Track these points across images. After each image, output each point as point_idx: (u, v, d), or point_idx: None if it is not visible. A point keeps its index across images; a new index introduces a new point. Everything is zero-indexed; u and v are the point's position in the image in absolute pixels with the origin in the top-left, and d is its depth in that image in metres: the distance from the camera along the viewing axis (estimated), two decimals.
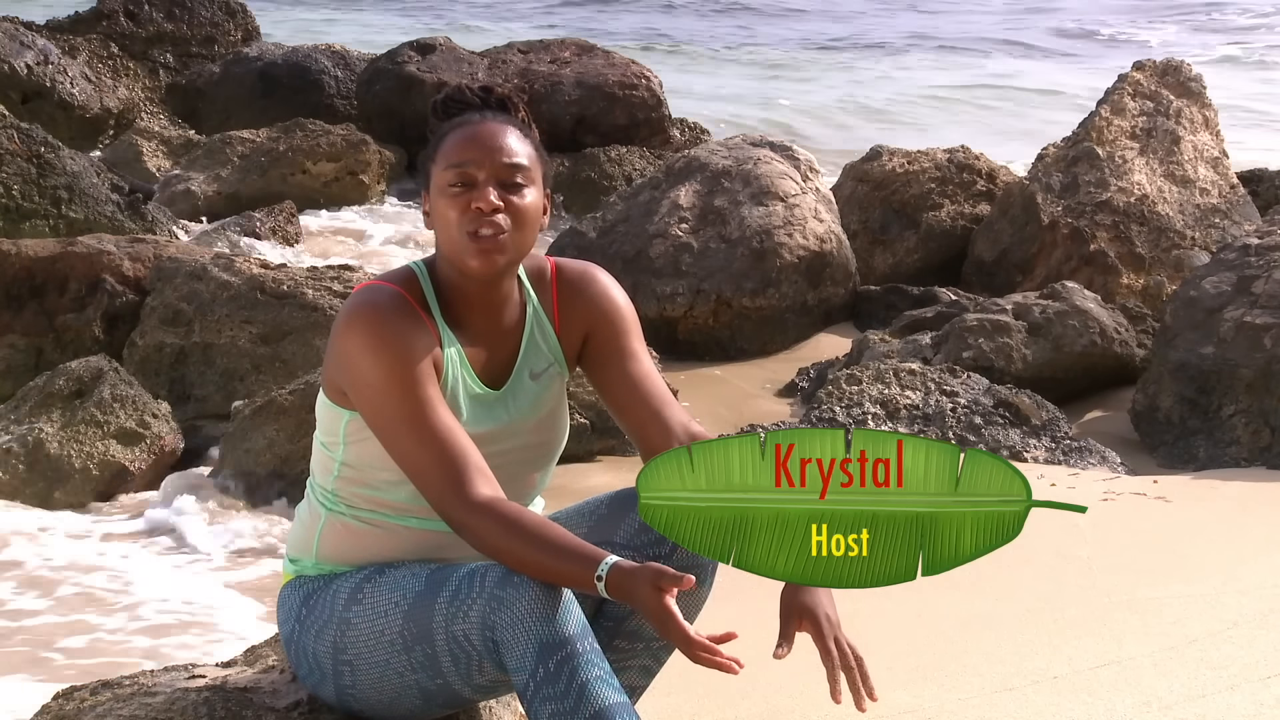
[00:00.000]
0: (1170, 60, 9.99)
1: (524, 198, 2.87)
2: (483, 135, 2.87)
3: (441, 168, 2.88)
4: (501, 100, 2.94)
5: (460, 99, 2.94)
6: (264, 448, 6.29)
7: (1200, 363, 7.29)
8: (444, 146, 2.89)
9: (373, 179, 11.43)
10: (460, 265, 2.87)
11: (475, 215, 2.84)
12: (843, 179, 10.16)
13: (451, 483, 2.75)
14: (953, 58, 23.57)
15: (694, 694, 3.68)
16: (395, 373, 2.78)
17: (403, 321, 2.82)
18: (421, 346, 2.82)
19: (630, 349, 3.02)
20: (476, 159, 2.86)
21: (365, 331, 2.80)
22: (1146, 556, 5.38)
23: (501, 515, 2.74)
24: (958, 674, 4.14)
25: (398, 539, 2.93)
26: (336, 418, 2.92)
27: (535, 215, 2.90)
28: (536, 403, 2.98)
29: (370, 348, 2.79)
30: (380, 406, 2.79)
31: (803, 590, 2.82)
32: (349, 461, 2.93)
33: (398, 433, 2.78)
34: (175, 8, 14.16)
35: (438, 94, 2.99)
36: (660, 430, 2.96)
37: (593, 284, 3.03)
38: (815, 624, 2.79)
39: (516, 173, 2.87)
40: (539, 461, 3.02)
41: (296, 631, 2.95)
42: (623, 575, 2.64)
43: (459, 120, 2.91)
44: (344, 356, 2.84)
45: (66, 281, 7.87)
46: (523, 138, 2.91)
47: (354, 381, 2.82)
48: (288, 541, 3.07)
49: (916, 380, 7.40)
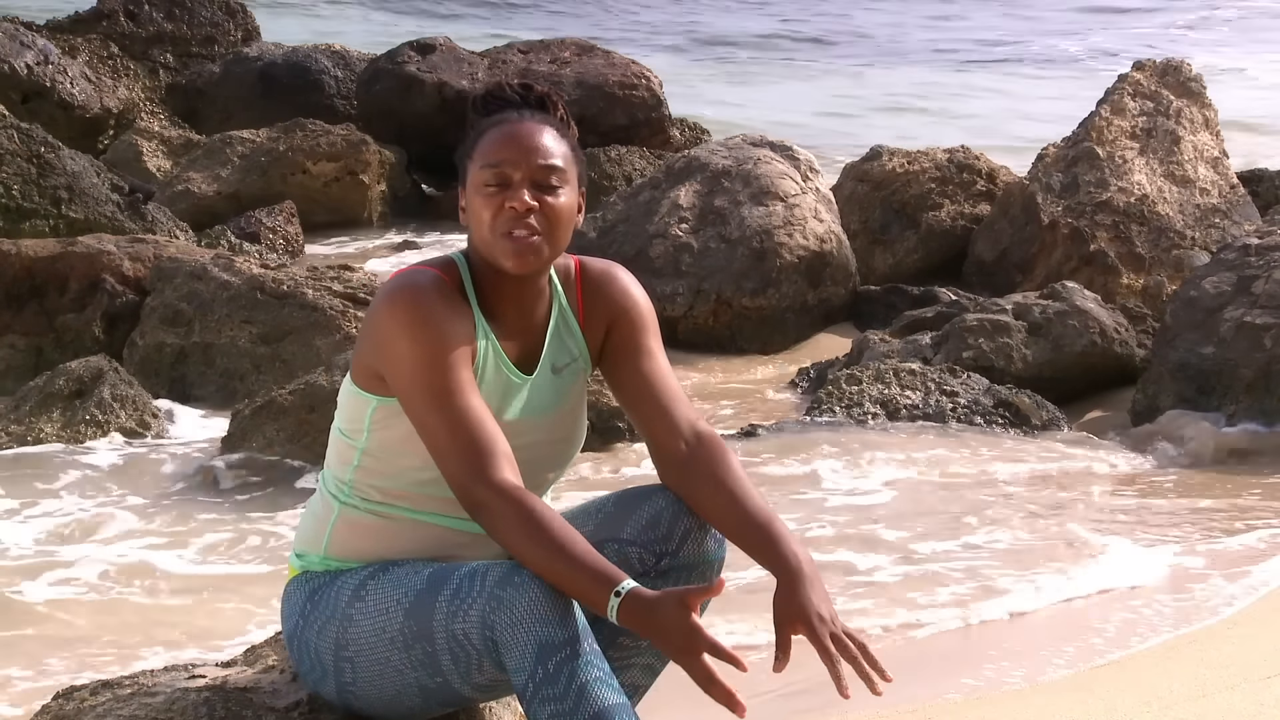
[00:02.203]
0: (1170, 60, 10.00)
1: (559, 198, 2.90)
2: (520, 134, 2.90)
3: (478, 166, 2.90)
4: (540, 98, 2.97)
5: (500, 96, 2.97)
6: (264, 448, 6.29)
7: (1200, 363, 7.29)
8: (481, 144, 2.92)
9: (373, 179, 11.42)
10: (495, 263, 2.90)
11: (510, 215, 2.86)
12: (843, 179, 10.16)
13: (477, 462, 2.77)
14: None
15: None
16: (434, 351, 2.81)
17: (443, 304, 2.86)
18: (460, 330, 2.86)
19: (646, 346, 3.04)
20: (512, 159, 2.88)
21: (407, 310, 2.83)
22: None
23: (521, 503, 2.75)
24: (958, 674, 4.15)
25: (410, 535, 2.93)
26: (363, 404, 2.93)
27: (569, 215, 2.92)
28: (558, 397, 3.00)
29: (411, 326, 2.82)
30: (416, 383, 2.82)
31: (793, 594, 2.80)
32: (371, 450, 2.94)
33: (430, 409, 2.81)
34: (175, 8, 14.14)
35: (477, 90, 3.02)
36: (667, 429, 2.97)
37: (614, 282, 3.06)
38: (808, 626, 2.78)
39: (551, 174, 2.89)
40: (556, 459, 3.04)
41: (300, 627, 2.95)
42: (641, 601, 2.65)
43: (497, 118, 2.93)
44: (381, 336, 2.86)
45: (66, 281, 7.87)
46: (559, 137, 2.94)
47: (392, 358, 2.85)
48: (295, 536, 3.07)
49: (916, 380, 7.40)
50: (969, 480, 6.59)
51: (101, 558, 5.81)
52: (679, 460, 2.96)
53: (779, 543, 2.87)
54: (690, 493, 2.95)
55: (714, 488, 2.93)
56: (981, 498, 6.37)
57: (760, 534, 2.89)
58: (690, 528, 2.94)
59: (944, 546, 5.81)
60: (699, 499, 2.94)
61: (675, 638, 2.64)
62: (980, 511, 6.19)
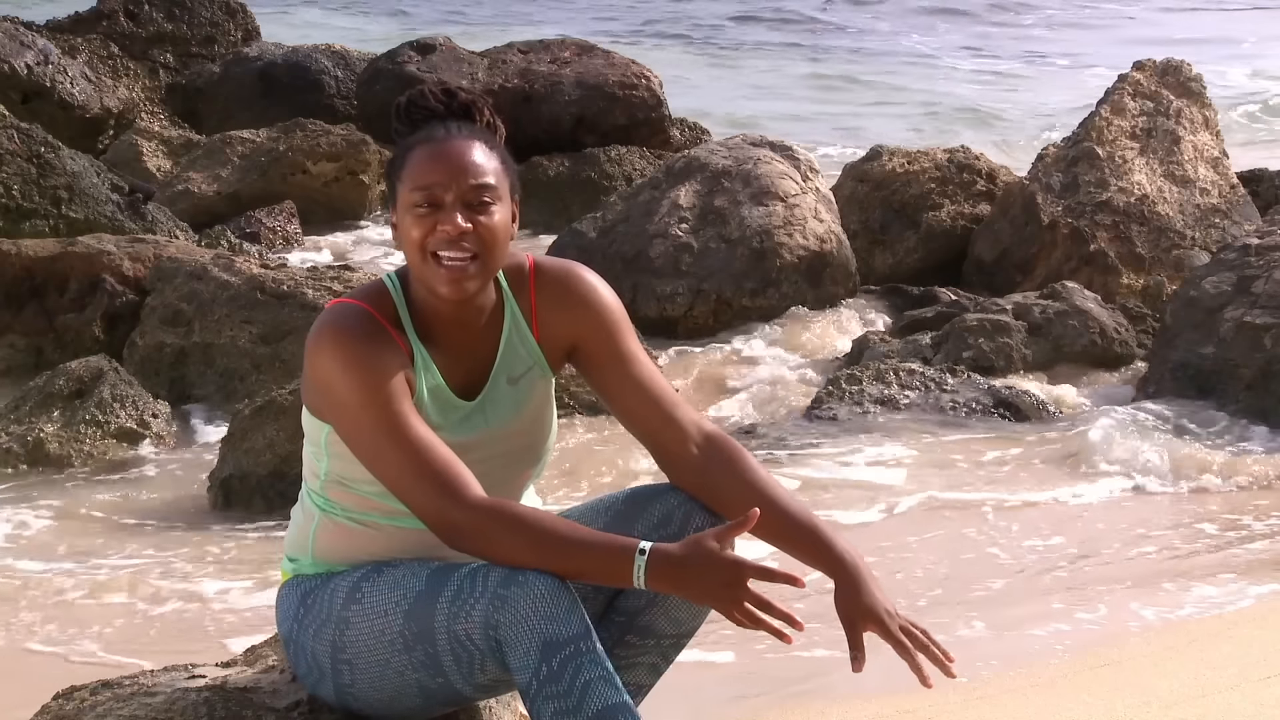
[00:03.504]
0: (1170, 60, 9.99)
1: (492, 216, 2.82)
2: (448, 154, 2.81)
3: (408, 188, 2.82)
4: (465, 107, 2.87)
5: (423, 105, 2.86)
6: (264, 448, 6.28)
7: (1200, 363, 7.29)
8: (409, 164, 2.83)
9: (373, 179, 11.41)
10: (429, 289, 2.83)
11: (441, 237, 2.79)
12: (843, 179, 10.16)
13: (442, 488, 2.73)
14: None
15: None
16: (368, 391, 2.76)
17: (371, 341, 2.79)
18: (392, 364, 2.79)
19: (627, 351, 2.96)
20: (442, 181, 2.80)
21: (334, 353, 2.79)
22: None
23: (506, 513, 2.72)
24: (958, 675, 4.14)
25: (392, 539, 2.92)
26: (318, 429, 2.90)
27: (504, 233, 2.84)
28: (518, 407, 2.94)
29: (340, 369, 2.78)
30: (357, 426, 2.78)
31: (857, 593, 2.78)
32: (332, 472, 2.92)
33: (378, 450, 2.77)
34: (175, 8, 14.12)
35: (400, 98, 2.90)
36: (675, 435, 2.93)
37: (577, 285, 2.96)
38: (879, 623, 2.77)
39: (483, 192, 2.81)
40: (526, 461, 2.99)
41: (295, 630, 2.94)
42: (668, 556, 2.61)
43: (424, 135, 2.84)
44: (316, 378, 2.83)
45: (66, 281, 7.87)
46: (489, 151, 2.84)
47: (329, 403, 2.82)
48: (285, 540, 3.06)
49: (916, 380, 7.40)
50: (968, 481, 6.59)
51: (102, 558, 5.82)
52: (693, 465, 2.92)
53: (828, 541, 2.84)
54: (713, 496, 2.89)
55: (742, 489, 2.87)
56: (981, 498, 6.37)
57: (805, 534, 2.85)
58: (702, 525, 2.87)
59: (944, 545, 5.82)
60: (725, 501, 2.88)
61: (716, 576, 2.60)
62: (981, 513, 6.20)
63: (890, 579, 5.45)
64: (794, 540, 2.86)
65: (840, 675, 3.54)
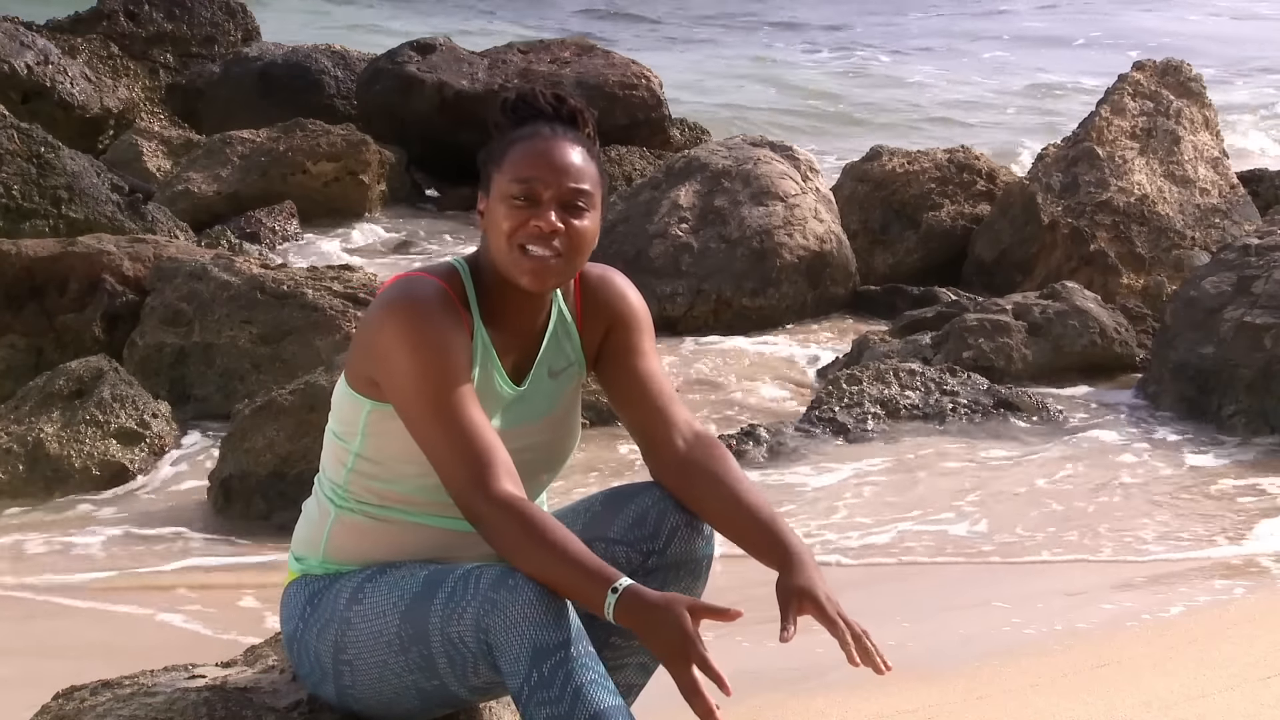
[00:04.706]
0: (1170, 60, 10.00)
1: (584, 221, 2.89)
2: (553, 153, 2.87)
3: (508, 177, 2.87)
4: (572, 113, 2.94)
5: (532, 104, 2.92)
6: (264, 448, 6.28)
7: (1200, 363, 7.29)
8: (512, 155, 2.88)
9: (373, 179, 11.41)
10: (509, 276, 2.88)
11: (533, 232, 2.84)
12: (843, 179, 10.17)
13: (477, 474, 2.76)
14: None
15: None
16: (432, 366, 2.80)
17: (443, 315, 2.84)
18: (458, 342, 2.84)
19: (640, 347, 3.04)
20: (544, 177, 2.86)
21: (406, 322, 2.82)
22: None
23: (521, 513, 2.75)
24: (957, 675, 4.15)
25: (407, 537, 2.93)
26: (357, 408, 2.92)
27: (592, 239, 2.91)
28: (552, 401, 3.00)
29: (408, 340, 2.81)
30: (414, 396, 2.81)
31: (798, 574, 2.81)
32: (366, 454, 2.93)
33: (429, 423, 2.80)
34: (175, 8, 14.12)
35: (508, 93, 2.97)
36: (664, 427, 2.99)
37: (611, 286, 3.07)
38: (815, 604, 2.79)
39: (580, 196, 2.88)
40: (550, 461, 3.04)
41: (300, 630, 2.95)
42: (640, 599, 2.65)
43: (530, 130, 2.89)
44: (379, 347, 2.85)
45: (66, 281, 7.86)
46: (590, 158, 2.91)
47: (389, 370, 2.84)
48: (293, 539, 3.07)
49: (916, 380, 7.40)
50: (968, 479, 6.59)
51: (102, 558, 5.82)
52: (677, 458, 2.97)
53: (784, 538, 2.88)
54: (688, 491, 2.95)
55: (714, 485, 2.93)
56: (981, 498, 6.37)
57: (764, 533, 2.89)
58: (678, 525, 2.94)
59: (943, 547, 5.82)
60: (698, 496, 2.94)
61: (670, 641, 2.64)
62: (980, 511, 6.20)
63: (890, 579, 5.45)
64: (749, 536, 2.91)
65: (840, 675, 3.54)
